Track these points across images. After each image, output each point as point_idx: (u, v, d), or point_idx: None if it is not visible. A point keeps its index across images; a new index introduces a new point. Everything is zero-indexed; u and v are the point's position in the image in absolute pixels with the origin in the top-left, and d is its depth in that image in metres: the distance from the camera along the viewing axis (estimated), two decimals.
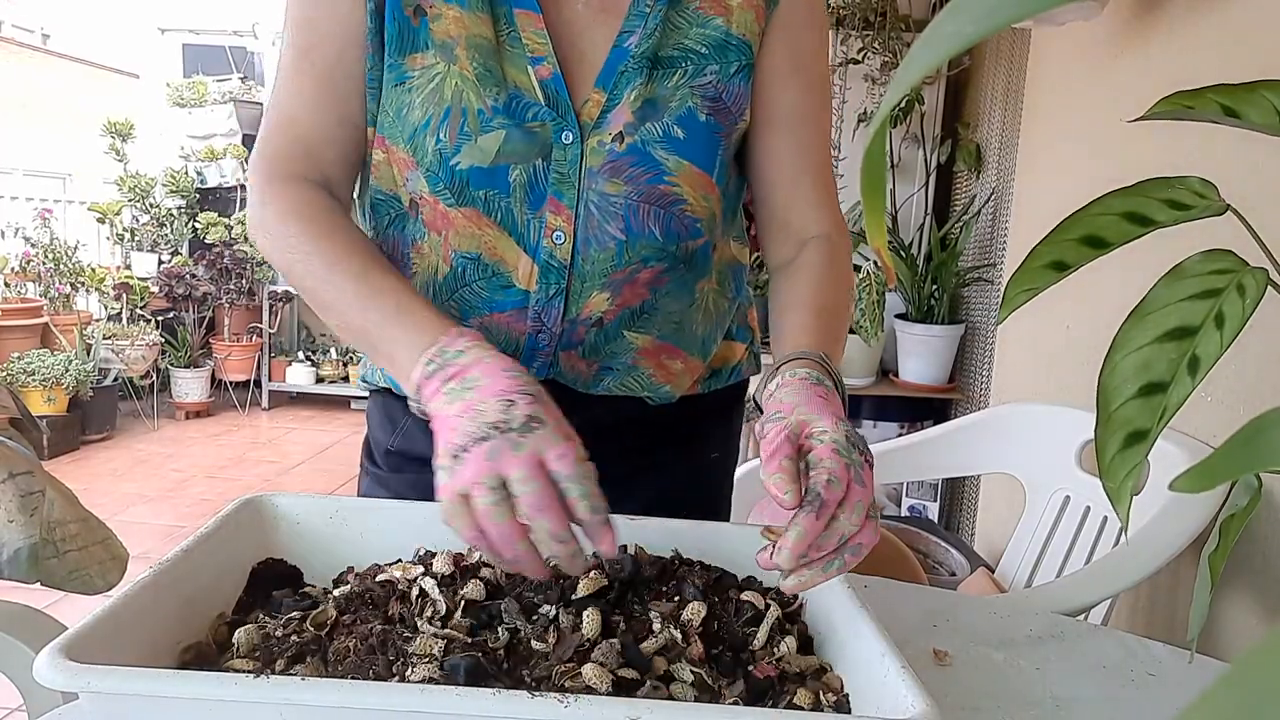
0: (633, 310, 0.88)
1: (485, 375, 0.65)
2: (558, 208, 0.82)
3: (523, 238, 0.83)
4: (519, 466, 0.59)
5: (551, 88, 0.81)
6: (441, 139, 0.80)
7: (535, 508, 0.58)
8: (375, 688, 0.52)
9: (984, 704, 0.79)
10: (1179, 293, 0.63)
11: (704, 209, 0.86)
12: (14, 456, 1.15)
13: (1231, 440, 0.32)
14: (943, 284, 2.67)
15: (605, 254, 0.83)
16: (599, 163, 0.82)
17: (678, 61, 0.84)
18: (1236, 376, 1.31)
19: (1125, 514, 0.63)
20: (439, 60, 0.80)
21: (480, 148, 0.80)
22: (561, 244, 0.83)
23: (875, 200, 0.29)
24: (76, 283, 4.66)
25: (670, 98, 0.83)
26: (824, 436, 0.63)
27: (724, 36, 0.85)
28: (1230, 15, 1.41)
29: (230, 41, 5.70)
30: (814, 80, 0.91)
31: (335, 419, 5.07)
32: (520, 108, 0.81)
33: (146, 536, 3.20)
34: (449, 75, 0.80)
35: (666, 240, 0.85)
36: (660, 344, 0.91)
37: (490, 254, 0.84)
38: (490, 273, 0.85)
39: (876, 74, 2.84)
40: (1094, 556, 1.56)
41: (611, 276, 0.85)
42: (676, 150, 0.83)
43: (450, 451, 0.61)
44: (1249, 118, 0.67)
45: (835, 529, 0.59)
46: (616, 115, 0.82)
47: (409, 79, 0.81)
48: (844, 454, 0.62)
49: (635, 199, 0.83)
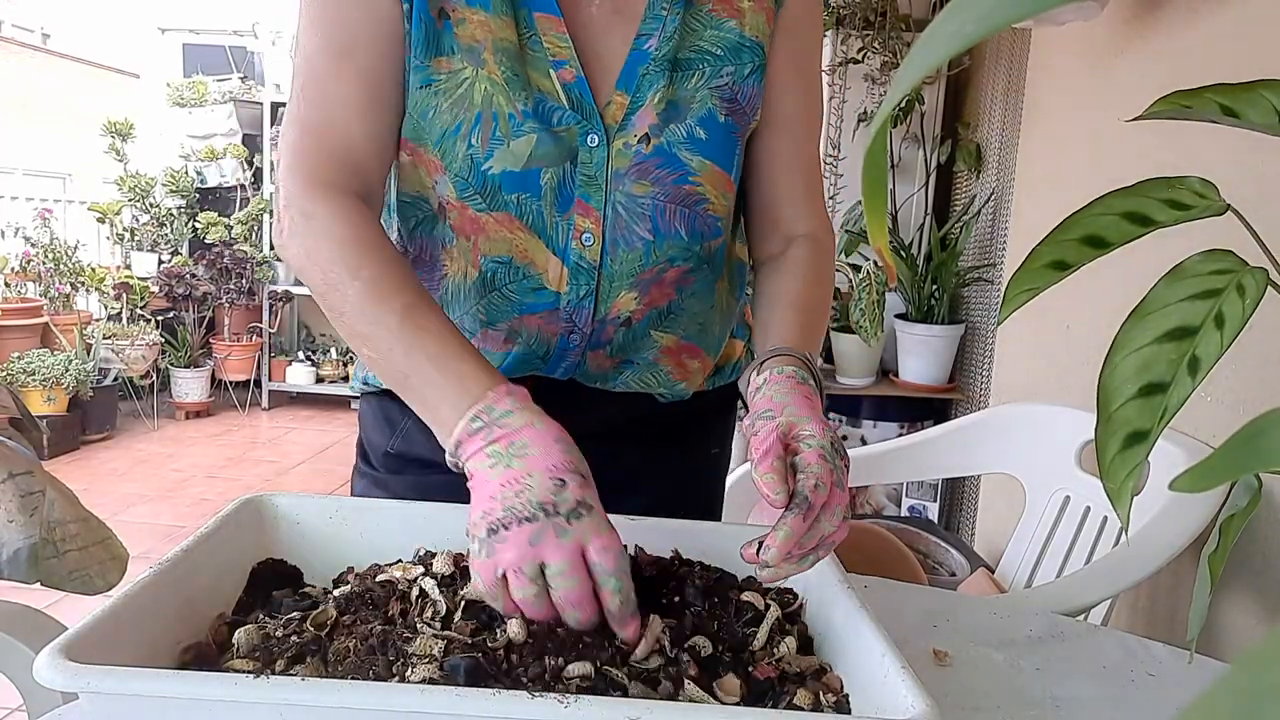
0: (660, 310, 0.89)
1: (535, 443, 0.62)
2: (586, 210, 0.83)
3: (552, 240, 0.83)
4: (561, 558, 0.59)
5: (575, 91, 0.81)
6: (474, 144, 0.80)
7: (571, 603, 0.59)
8: (375, 688, 0.52)
9: (984, 704, 0.79)
10: (1179, 293, 0.63)
11: (724, 208, 0.87)
12: (14, 456, 1.15)
13: (1231, 440, 0.32)
14: (943, 284, 2.67)
15: (633, 254, 0.84)
16: (626, 165, 0.82)
17: (695, 64, 0.85)
18: (1236, 376, 1.31)
19: (1125, 514, 0.63)
20: (466, 65, 0.80)
21: (513, 152, 0.80)
22: (590, 245, 0.83)
23: (876, 200, 0.29)
24: (76, 283, 4.66)
25: (691, 99, 0.84)
26: (812, 441, 0.66)
27: (738, 39, 0.86)
28: (1230, 15, 1.41)
29: (230, 41, 5.69)
30: (811, 82, 0.93)
31: (335, 419, 5.07)
32: (547, 111, 0.81)
33: (146, 536, 3.20)
34: (477, 80, 0.79)
35: (691, 240, 0.86)
36: (684, 344, 0.93)
37: (521, 257, 0.84)
38: (521, 275, 0.85)
39: (876, 74, 2.84)
40: (1094, 556, 1.56)
41: (639, 276, 0.86)
42: (700, 151, 0.84)
43: (490, 525, 0.60)
44: (1249, 118, 0.67)
45: (817, 530, 0.64)
46: (641, 117, 0.83)
47: (435, 82, 0.80)
48: (829, 459, 0.65)
49: (662, 199, 0.84)
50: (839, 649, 0.65)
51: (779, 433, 0.66)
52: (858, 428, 2.86)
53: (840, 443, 0.68)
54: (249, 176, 5.27)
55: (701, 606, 0.67)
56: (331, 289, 0.74)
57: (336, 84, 0.79)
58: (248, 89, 5.47)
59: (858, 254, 2.81)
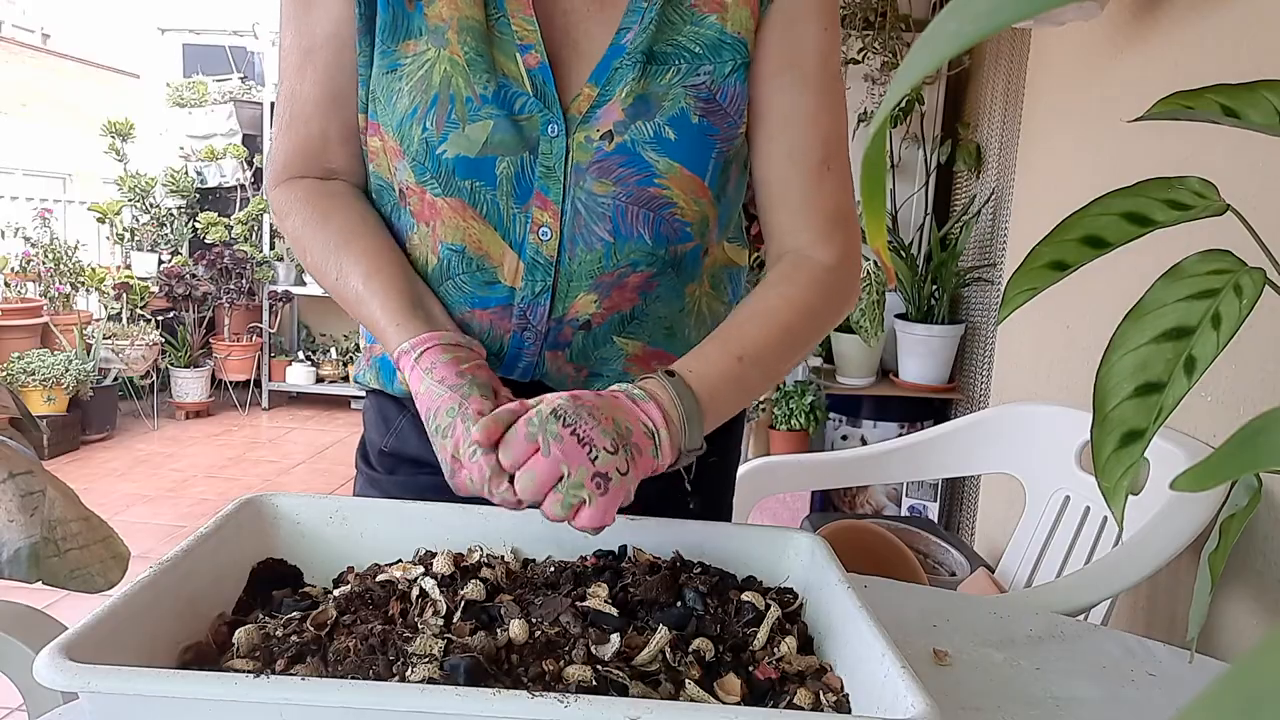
0: (623, 316, 0.86)
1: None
2: (544, 203, 0.81)
3: (509, 232, 0.82)
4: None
5: (539, 78, 0.80)
6: (428, 127, 0.79)
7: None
8: (375, 688, 0.52)
9: (984, 704, 0.79)
10: (1176, 293, 0.63)
11: (695, 212, 0.83)
12: (14, 456, 1.15)
13: (1231, 440, 0.32)
14: (943, 284, 2.67)
15: (593, 255, 0.82)
16: (586, 159, 0.80)
17: (671, 59, 0.81)
18: (1236, 376, 1.31)
19: (1120, 513, 0.63)
20: (430, 46, 0.79)
21: (467, 136, 0.78)
22: (548, 240, 0.81)
23: (875, 201, 0.29)
24: (76, 283, 4.66)
25: (663, 96, 0.81)
26: (544, 404, 0.66)
27: (718, 35, 0.82)
28: (1230, 15, 1.41)
29: (230, 41, 5.70)
30: (809, 77, 0.85)
31: (335, 419, 5.07)
32: (509, 97, 0.79)
33: (146, 536, 3.20)
34: (439, 60, 0.79)
35: (655, 244, 0.83)
36: (652, 350, 0.89)
37: (475, 248, 0.82)
38: (475, 267, 0.83)
39: (876, 74, 2.84)
40: (1094, 556, 1.56)
41: (599, 278, 0.83)
42: (667, 152, 0.81)
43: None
44: (1249, 118, 0.67)
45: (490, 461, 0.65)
46: (606, 112, 0.80)
47: (400, 66, 0.80)
48: (542, 419, 0.64)
49: (624, 200, 0.81)
50: (839, 649, 0.65)
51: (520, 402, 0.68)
52: (858, 428, 2.87)
53: (573, 412, 0.65)
54: (249, 176, 5.27)
55: (704, 609, 0.67)
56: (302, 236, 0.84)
57: (300, 83, 0.84)
58: (248, 89, 5.47)
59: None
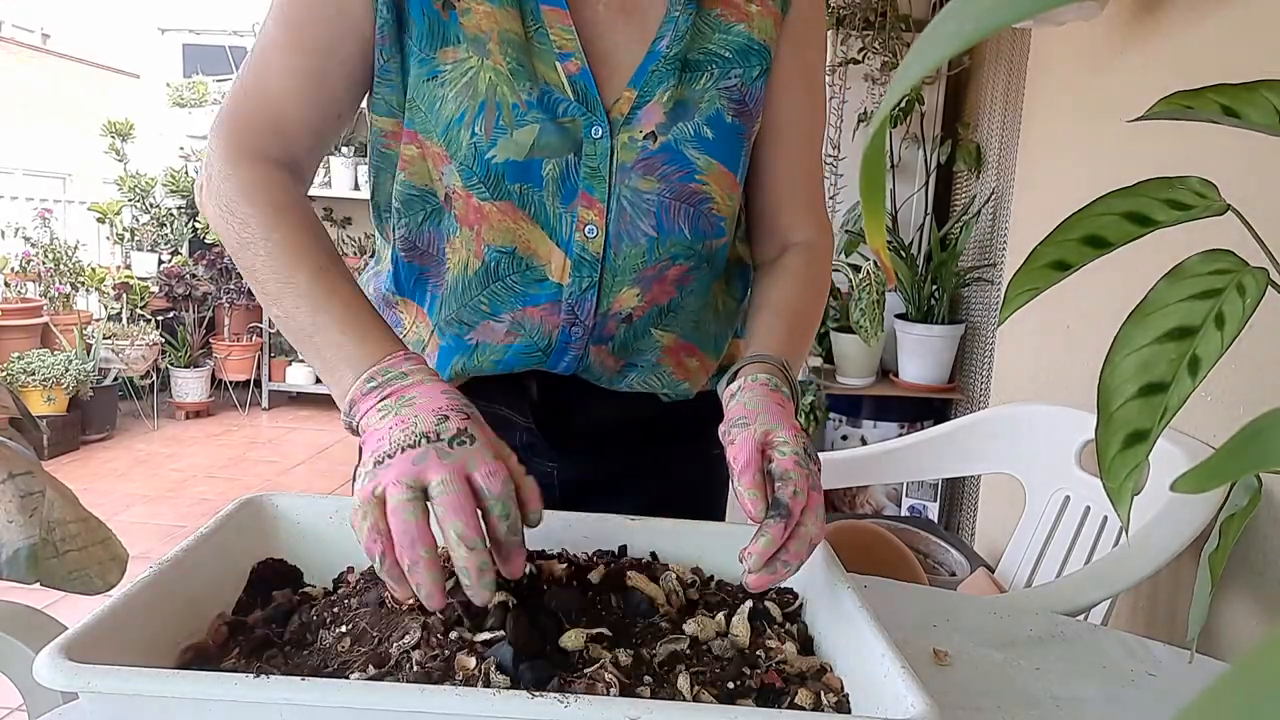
0: (660, 308, 0.90)
1: (423, 395, 0.63)
2: (590, 202, 0.83)
3: (555, 232, 0.84)
4: (443, 474, 0.57)
5: (580, 83, 0.83)
6: (477, 133, 0.81)
7: (451, 508, 0.56)
8: (375, 688, 0.51)
9: (984, 704, 0.79)
10: (1179, 293, 0.63)
11: (728, 208, 0.88)
12: (14, 456, 1.15)
13: (1232, 440, 0.32)
14: (943, 284, 2.67)
15: (637, 250, 0.85)
16: (631, 158, 0.83)
17: (704, 65, 0.86)
18: (1236, 376, 1.31)
19: (1126, 514, 0.63)
20: (471, 54, 0.81)
21: (515, 141, 0.81)
22: (594, 238, 0.84)
23: (875, 200, 0.29)
24: (76, 283, 4.66)
25: (699, 99, 0.85)
26: (785, 449, 0.68)
27: (747, 42, 0.88)
28: (1230, 15, 1.41)
29: (230, 41, 5.70)
30: (813, 87, 0.95)
31: (335, 419, 5.06)
32: (552, 103, 0.82)
33: (146, 536, 3.20)
34: (482, 69, 0.81)
35: (694, 238, 0.87)
36: (682, 342, 0.94)
37: (524, 248, 0.85)
38: (524, 266, 0.86)
39: (876, 74, 2.84)
40: (1094, 556, 1.56)
41: (642, 272, 0.87)
42: (707, 150, 0.85)
43: (375, 458, 0.60)
44: (1249, 118, 0.67)
45: (802, 535, 0.65)
46: (648, 113, 0.84)
47: (441, 73, 0.81)
48: (804, 465, 0.67)
49: (667, 196, 0.85)
50: (839, 649, 0.65)
51: (755, 443, 0.68)
52: (858, 428, 2.86)
53: (811, 447, 0.70)
54: None
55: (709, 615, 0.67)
56: (244, 247, 0.75)
57: (280, 55, 0.81)
58: None
59: (858, 254, 2.81)
